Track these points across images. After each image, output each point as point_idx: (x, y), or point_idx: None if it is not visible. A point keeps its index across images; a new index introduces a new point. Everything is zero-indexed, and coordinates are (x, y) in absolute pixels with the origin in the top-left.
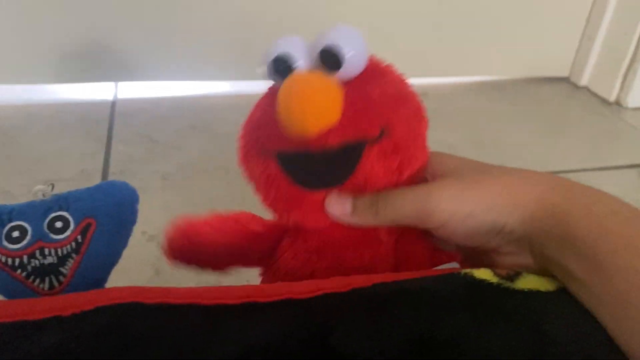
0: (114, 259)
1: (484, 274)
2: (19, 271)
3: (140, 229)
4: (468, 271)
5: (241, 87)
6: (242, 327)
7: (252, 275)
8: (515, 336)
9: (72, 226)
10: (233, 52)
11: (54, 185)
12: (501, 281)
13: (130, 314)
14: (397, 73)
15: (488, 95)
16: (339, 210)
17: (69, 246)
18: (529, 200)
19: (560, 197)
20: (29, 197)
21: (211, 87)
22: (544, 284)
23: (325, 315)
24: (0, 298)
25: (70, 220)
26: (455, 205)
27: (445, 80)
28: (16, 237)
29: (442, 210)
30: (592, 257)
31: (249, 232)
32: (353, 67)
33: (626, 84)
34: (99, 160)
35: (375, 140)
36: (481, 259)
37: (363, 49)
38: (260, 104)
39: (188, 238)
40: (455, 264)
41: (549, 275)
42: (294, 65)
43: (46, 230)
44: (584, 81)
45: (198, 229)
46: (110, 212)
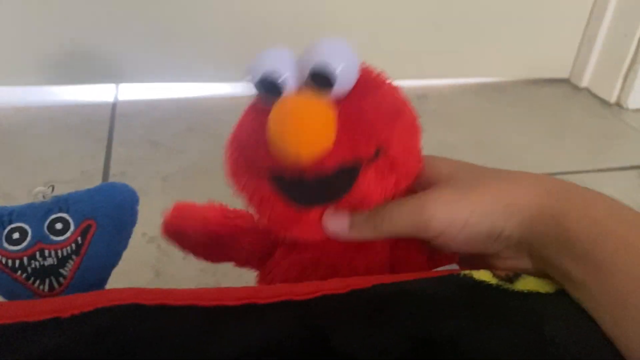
0: (114, 260)
1: (483, 275)
2: (19, 272)
3: (141, 231)
4: (467, 272)
5: (241, 89)
6: (242, 328)
7: (252, 277)
8: (515, 337)
9: (72, 228)
10: (233, 54)
11: (54, 186)
12: (500, 282)
13: (129, 315)
14: (390, 83)
15: (488, 97)
16: (337, 227)
17: (69, 248)
18: (525, 204)
19: (557, 199)
20: (29, 199)
21: (211, 89)
22: (543, 286)
23: (324, 316)
24: (0, 299)
25: (70, 221)
26: (451, 215)
27: (445, 81)
28: (16, 239)
29: (439, 221)
30: (590, 259)
31: (234, 226)
32: (345, 84)
33: (627, 86)
34: (99, 162)
35: (371, 159)
36: (480, 263)
37: (354, 62)
38: (245, 120)
39: (177, 220)
40: (455, 266)
41: (548, 278)
42: (283, 86)
43: (46, 231)
44: (584, 82)
45: (186, 214)
46: (110, 214)
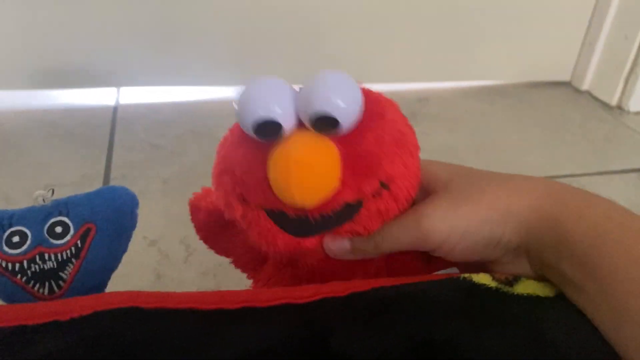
0: (114, 264)
1: (482, 278)
2: (19, 276)
3: (141, 234)
4: (467, 276)
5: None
6: (241, 331)
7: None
8: (514, 340)
9: (72, 231)
10: (234, 58)
11: (54, 190)
12: (500, 286)
13: (128, 318)
14: (391, 107)
15: (489, 100)
16: (338, 250)
17: (68, 251)
18: (523, 209)
19: (555, 202)
20: (29, 202)
21: (212, 93)
22: (543, 289)
23: (324, 318)
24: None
25: (70, 225)
26: (449, 226)
27: (446, 84)
28: (16, 242)
29: (438, 233)
30: (589, 262)
31: (233, 224)
32: (349, 123)
33: (628, 88)
34: (100, 165)
35: (375, 194)
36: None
37: (358, 99)
38: (237, 153)
39: (197, 204)
40: (454, 269)
41: (547, 282)
42: (282, 130)
43: (46, 235)
44: (585, 85)
45: (203, 200)
46: (110, 218)
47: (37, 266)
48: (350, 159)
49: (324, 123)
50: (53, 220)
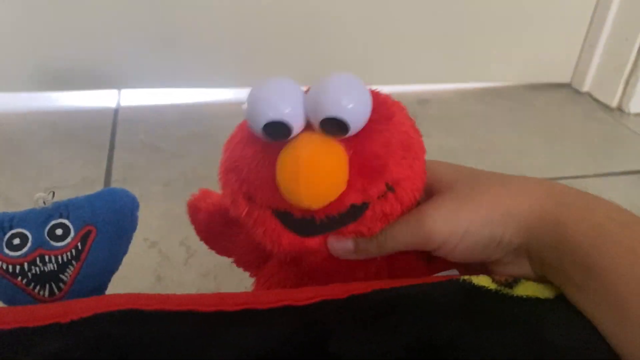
0: (114, 266)
1: (482, 280)
2: (20, 278)
3: (142, 236)
4: (467, 278)
5: (243, 95)
6: (241, 333)
7: (250, 283)
8: (513, 342)
9: (72, 233)
10: (235, 60)
11: (54, 192)
12: (500, 288)
13: (128, 320)
14: (398, 110)
15: (490, 102)
16: (342, 250)
17: (69, 253)
18: (524, 210)
19: (556, 204)
20: (30, 205)
21: (213, 95)
22: (543, 291)
23: (323, 321)
24: (0, 305)
25: (71, 227)
26: (450, 226)
27: (446, 86)
28: (17, 245)
29: (439, 233)
30: (590, 263)
31: (235, 223)
32: (358, 126)
33: (628, 90)
34: (101, 168)
35: (381, 196)
36: (480, 269)
37: (367, 102)
38: (242, 149)
39: (196, 205)
40: (454, 271)
41: (548, 282)
42: (291, 131)
43: (47, 237)
44: (585, 87)
45: (203, 200)
46: (110, 220)
47: (38, 268)
48: (357, 161)
49: (333, 125)
50: (53, 222)
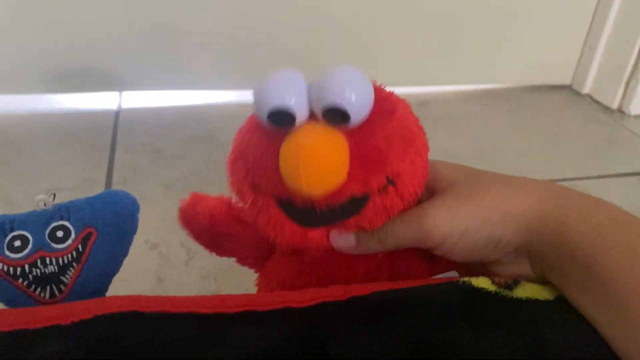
0: (115, 268)
1: (482, 282)
2: (21, 280)
3: (143, 238)
4: (466, 279)
5: (244, 97)
6: (241, 335)
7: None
8: (513, 344)
9: (73, 235)
10: (236, 62)
11: (55, 195)
12: (499, 289)
13: (129, 322)
14: (402, 105)
15: (490, 103)
16: (344, 243)
17: (69, 255)
18: (524, 210)
19: (557, 205)
20: (31, 206)
21: (214, 97)
22: (542, 293)
23: (323, 323)
24: (1, 307)
25: (71, 229)
26: (449, 224)
27: (447, 88)
28: (18, 247)
29: (439, 231)
30: (590, 264)
31: (238, 223)
32: (360, 117)
33: (629, 92)
34: (102, 169)
35: (381, 189)
36: (480, 270)
37: (369, 94)
38: (251, 141)
39: (190, 210)
40: (455, 273)
41: (547, 283)
42: (294, 119)
43: (47, 239)
44: (586, 89)
45: (198, 205)
46: (110, 222)
47: (39, 270)
48: (358, 153)
49: (335, 115)
50: (54, 224)
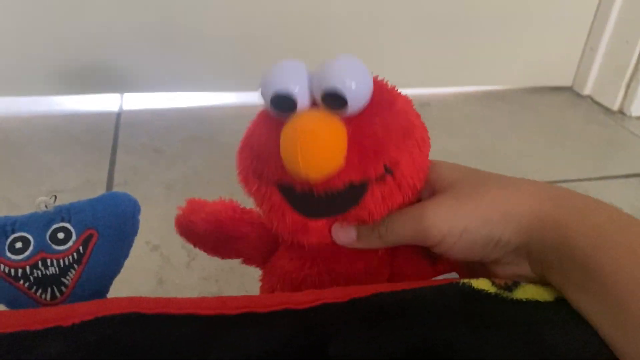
0: (116, 269)
1: (482, 284)
2: (22, 281)
3: (144, 239)
4: (466, 281)
5: (245, 98)
6: (241, 337)
7: (254, 286)
8: (513, 346)
9: (74, 237)
10: (237, 64)
11: (56, 196)
12: (499, 291)
13: (130, 324)
14: (402, 98)
15: (491, 105)
16: (345, 237)
17: (70, 257)
18: (524, 211)
19: (556, 206)
20: (32, 208)
21: (215, 98)
22: (543, 294)
23: (323, 324)
24: (2, 308)
25: (72, 231)
26: (449, 223)
27: (448, 89)
28: (19, 248)
29: (438, 228)
30: (590, 265)
31: (242, 223)
32: (358, 105)
33: (629, 93)
34: (103, 171)
35: (379, 178)
36: (481, 270)
37: (368, 84)
38: (257, 131)
39: (190, 216)
40: (455, 274)
41: (547, 285)
42: (296, 104)
43: (48, 241)
44: (587, 90)
45: (198, 210)
46: (111, 224)
47: (40, 272)
48: (356, 140)
49: (334, 101)
50: (55, 226)
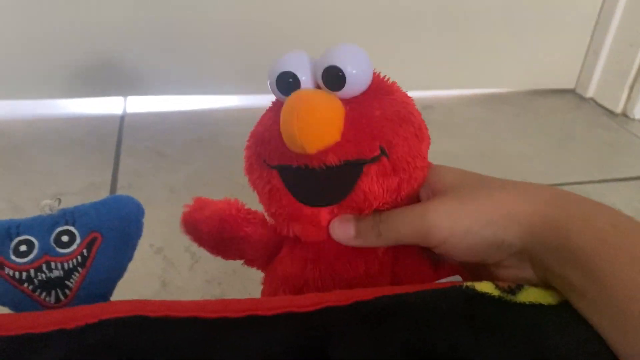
0: (119, 272)
1: (485, 287)
2: (26, 284)
3: (148, 242)
4: (469, 284)
5: (248, 101)
6: (244, 340)
7: (257, 289)
8: (515, 348)
9: (78, 240)
10: (240, 67)
11: (60, 199)
12: (502, 294)
13: (133, 327)
14: (402, 92)
15: (493, 107)
16: (343, 234)
17: (74, 260)
18: (527, 214)
19: (559, 209)
20: (37, 211)
21: (218, 101)
22: (546, 297)
23: (325, 328)
24: (6, 311)
25: (77, 234)
26: (452, 223)
27: (450, 92)
28: (23, 251)
29: (440, 229)
30: (592, 268)
31: (246, 224)
32: (356, 86)
33: (632, 96)
34: (107, 174)
35: (375, 160)
36: (483, 273)
37: (367, 68)
38: (264, 117)
39: (195, 215)
40: (458, 277)
41: (551, 288)
42: (298, 85)
43: (53, 244)
44: (590, 93)
45: (204, 209)
46: (115, 227)
47: (44, 275)
48: (353, 118)
49: (334, 79)
50: (59, 229)
